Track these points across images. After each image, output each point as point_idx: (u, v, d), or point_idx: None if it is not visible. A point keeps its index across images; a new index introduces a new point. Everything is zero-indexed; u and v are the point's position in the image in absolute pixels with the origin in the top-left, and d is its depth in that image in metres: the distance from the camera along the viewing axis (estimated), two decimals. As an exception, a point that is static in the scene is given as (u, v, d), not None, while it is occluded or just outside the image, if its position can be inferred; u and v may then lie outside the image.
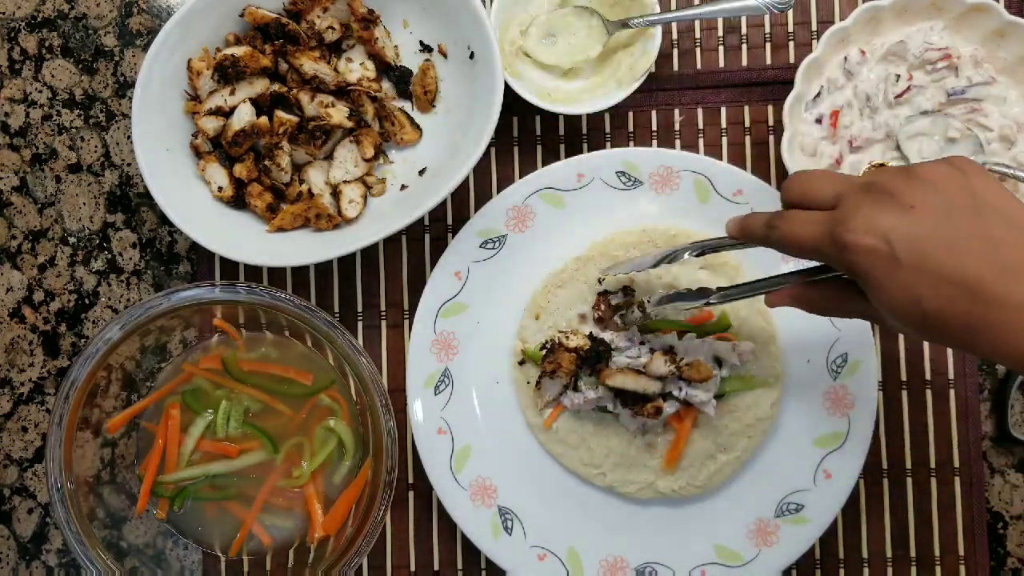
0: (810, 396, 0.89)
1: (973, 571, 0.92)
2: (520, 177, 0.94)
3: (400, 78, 0.95)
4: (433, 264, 0.93)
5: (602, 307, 0.86)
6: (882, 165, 0.67)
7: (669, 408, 0.85)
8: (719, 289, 0.78)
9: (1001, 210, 0.57)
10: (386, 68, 0.95)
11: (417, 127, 0.95)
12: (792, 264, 0.88)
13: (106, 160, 0.99)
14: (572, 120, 0.97)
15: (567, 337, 0.87)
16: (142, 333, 0.86)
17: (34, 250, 0.99)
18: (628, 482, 0.89)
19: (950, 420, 0.93)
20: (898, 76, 0.89)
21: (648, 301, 0.84)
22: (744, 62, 0.96)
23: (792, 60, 0.96)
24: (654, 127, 0.96)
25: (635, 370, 0.85)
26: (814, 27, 0.96)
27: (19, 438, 0.98)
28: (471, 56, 0.90)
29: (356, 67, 0.93)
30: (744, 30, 0.96)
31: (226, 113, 0.91)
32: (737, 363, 0.87)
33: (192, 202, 0.90)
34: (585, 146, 0.96)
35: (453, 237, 0.93)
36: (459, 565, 0.95)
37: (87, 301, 0.99)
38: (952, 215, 0.57)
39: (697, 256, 0.78)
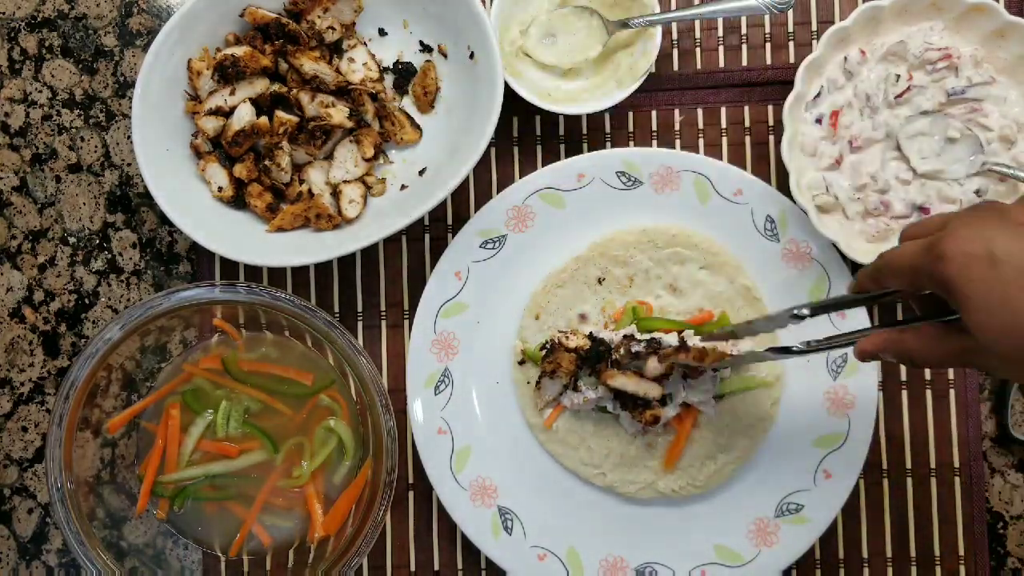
0: (810, 396, 0.89)
1: (973, 571, 0.92)
2: (520, 177, 0.94)
3: (402, 73, 0.95)
4: (433, 264, 0.93)
5: (621, 350, 0.85)
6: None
7: (669, 411, 0.85)
8: (807, 343, 0.74)
9: None
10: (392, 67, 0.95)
11: (417, 127, 0.95)
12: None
13: (106, 160, 0.99)
14: (572, 120, 0.97)
15: (567, 337, 0.87)
16: (142, 333, 0.86)
17: (34, 250, 0.99)
18: (628, 482, 0.89)
19: (950, 420, 0.93)
20: (898, 76, 0.89)
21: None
22: (744, 62, 0.96)
23: (792, 60, 0.96)
24: (654, 127, 0.96)
25: (636, 372, 0.85)
26: (814, 27, 0.96)
27: (19, 438, 0.98)
28: (471, 56, 0.90)
29: (359, 67, 0.93)
30: (744, 30, 0.96)
31: (226, 113, 0.91)
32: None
33: (192, 202, 0.90)
34: (585, 146, 0.96)
35: (453, 237, 0.93)
36: (459, 565, 0.95)
37: (87, 301, 0.99)
38: None
39: (812, 315, 0.72)
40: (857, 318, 0.88)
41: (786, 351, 0.75)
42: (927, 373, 0.93)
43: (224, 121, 0.91)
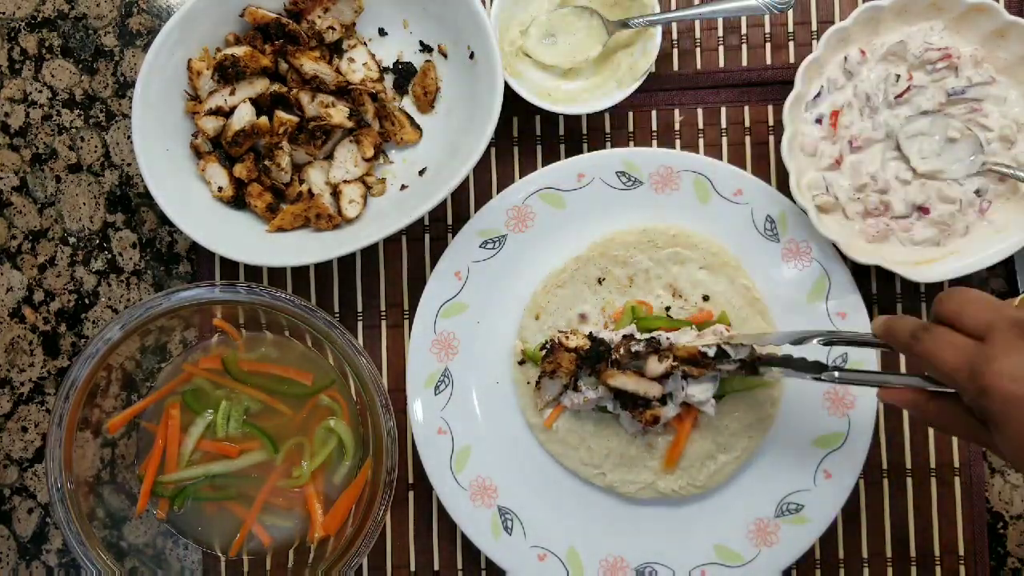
0: (810, 396, 0.89)
1: (973, 571, 0.92)
2: (520, 177, 0.94)
3: (402, 73, 0.95)
4: (433, 264, 0.93)
5: (621, 350, 0.85)
6: None
7: (669, 411, 0.85)
8: (838, 370, 0.75)
9: None
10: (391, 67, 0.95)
11: (417, 127, 0.95)
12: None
13: (106, 160, 0.99)
14: (572, 120, 0.97)
15: (567, 337, 0.87)
16: (142, 333, 0.86)
17: (34, 250, 0.99)
18: (628, 482, 0.89)
19: (950, 420, 0.93)
20: (898, 76, 0.89)
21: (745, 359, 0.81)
22: (744, 62, 0.96)
23: (792, 60, 0.96)
24: (654, 127, 0.96)
25: (636, 372, 0.85)
26: (814, 27, 0.96)
27: (19, 438, 0.98)
28: (471, 56, 0.90)
29: (359, 67, 0.93)
30: (744, 30, 0.96)
31: (226, 113, 0.91)
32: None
33: (192, 202, 0.90)
34: (585, 146, 0.96)
35: (453, 237, 0.93)
36: (459, 565, 0.95)
37: (87, 301, 0.99)
38: None
39: (825, 345, 0.75)
40: (857, 318, 0.88)
41: (815, 367, 0.77)
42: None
43: (224, 121, 0.91)
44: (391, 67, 0.95)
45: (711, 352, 0.82)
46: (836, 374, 0.75)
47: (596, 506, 0.91)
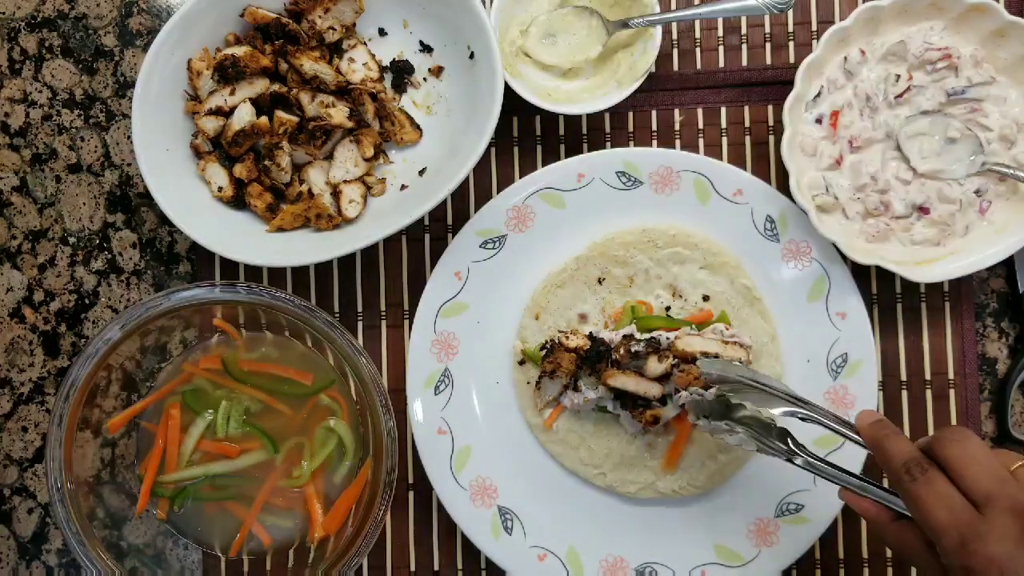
0: (810, 396, 0.89)
1: (973, 571, 0.92)
2: (520, 177, 0.94)
3: (399, 71, 0.95)
4: (433, 264, 0.93)
5: (621, 350, 0.85)
6: None
7: (669, 411, 0.85)
8: (806, 454, 0.74)
9: None
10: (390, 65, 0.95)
11: (417, 127, 0.95)
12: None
13: (106, 160, 0.99)
14: (572, 120, 0.97)
15: (567, 337, 0.87)
16: (142, 333, 0.86)
17: (34, 250, 0.99)
18: (628, 482, 0.89)
19: (950, 420, 0.93)
20: (898, 76, 0.89)
21: (707, 397, 0.79)
22: (744, 62, 0.96)
23: (792, 60, 0.96)
24: (654, 127, 0.96)
25: (636, 372, 0.85)
26: (814, 27, 0.96)
27: (19, 438, 0.98)
28: (471, 56, 0.90)
29: (359, 67, 0.93)
30: (744, 30, 0.96)
31: (226, 113, 0.91)
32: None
33: (192, 202, 0.90)
34: (585, 146, 0.96)
35: (453, 237, 0.93)
36: (459, 565, 0.95)
37: (87, 301, 0.99)
38: None
39: (790, 415, 0.74)
40: (857, 318, 0.88)
41: (783, 444, 0.75)
42: (927, 372, 0.93)
43: (224, 121, 0.91)
44: (389, 65, 0.95)
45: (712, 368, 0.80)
46: (799, 461, 0.74)
47: (596, 506, 0.91)
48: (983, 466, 0.61)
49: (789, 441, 0.76)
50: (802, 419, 0.74)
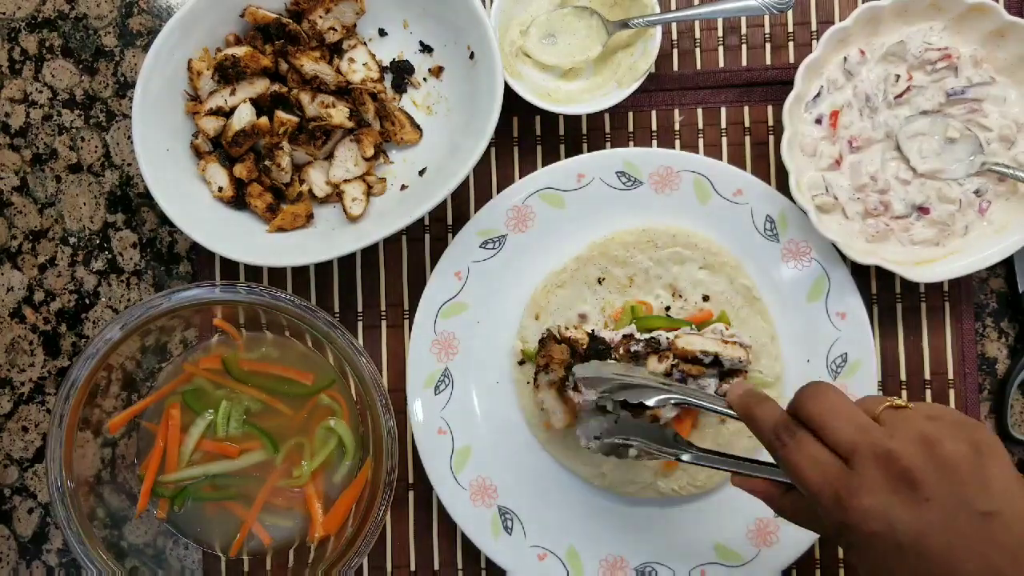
0: (810, 396, 0.89)
1: (973, 571, 0.92)
2: (520, 177, 0.94)
3: (398, 71, 0.95)
4: (433, 264, 0.93)
5: (621, 350, 0.85)
6: (902, 407, 0.60)
7: (669, 412, 0.85)
8: (697, 449, 0.75)
9: (1000, 507, 0.54)
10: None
11: (417, 127, 0.95)
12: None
13: (106, 160, 0.99)
14: (572, 120, 0.97)
15: (565, 328, 0.86)
16: (142, 333, 0.86)
17: (34, 250, 0.99)
18: (628, 482, 0.89)
19: (950, 420, 0.93)
20: (898, 76, 0.89)
21: (611, 416, 0.79)
22: (744, 62, 0.96)
23: (792, 60, 0.96)
24: (654, 127, 0.97)
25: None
26: (814, 27, 0.96)
27: (19, 438, 0.98)
28: (471, 56, 0.90)
29: (359, 67, 0.93)
30: (744, 30, 0.96)
31: (226, 113, 0.91)
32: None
33: (192, 202, 0.90)
34: (585, 146, 0.96)
35: (453, 237, 0.93)
36: (459, 565, 0.95)
37: (87, 301, 0.99)
38: (959, 515, 0.54)
39: (675, 404, 0.75)
40: (857, 318, 0.88)
41: (677, 447, 0.75)
42: (926, 372, 0.93)
43: (224, 121, 0.91)
44: (388, 65, 0.95)
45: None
46: (686, 457, 0.74)
47: (596, 506, 0.91)
48: (844, 417, 0.60)
49: (676, 439, 0.76)
50: (676, 404, 0.74)
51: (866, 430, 0.59)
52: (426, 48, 0.95)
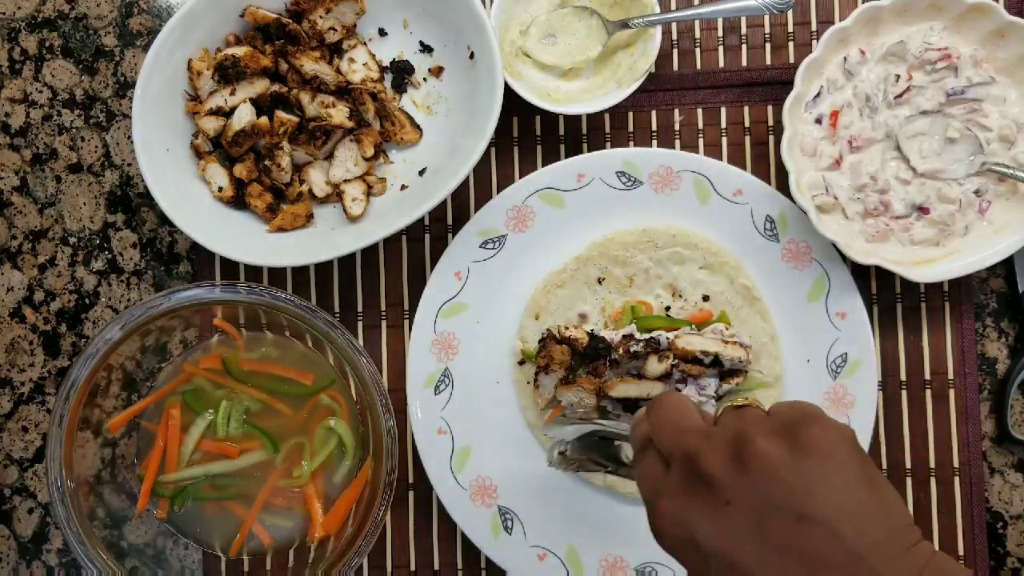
0: (810, 396, 0.89)
1: (973, 571, 0.92)
2: (520, 177, 0.94)
3: (398, 71, 0.95)
4: (433, 264, 0.93)
5: (620, 350, 0.84)
6: (741, 406, 0.56)
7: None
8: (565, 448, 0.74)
9: (825, 512, 0.48)
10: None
11: (417, 127, 0.95)
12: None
13: (106, 160, 0.99)
14: (572, 120, 0.97)
15: (565, 328, 0.86)
16: (142, 333, 0.86)
17: (34, 250, 0.99)
18: (628, 482, 0.89)
19: (950, 420, 0.93)
20: (898, 76, 0.89)
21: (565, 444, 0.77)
22: (744, 62, 0.96)
23: (792, 60, 0.96)
24: (654, 127, 0.97)
25: (635, 376, 0.85)
26: (814, 27, 0.96)
27: (19, 438, 0.98)
28: (471, 56, 0.90)
29: (359, 67, 0.93)
30: (744, 30, 0.96)
31: (226, 113, 0.91)
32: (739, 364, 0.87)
33: (192, 202, 0.90)
34: (585, 146, 0.97)
35: (453, 237, 0.93)
36: (459, 565, 0.95)
37: (87, 301, 0.99)
38: (769, 520, 0.49)
39: (600, 439, 0.73)
40: (857, 318, 0.88)
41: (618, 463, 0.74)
42: (926, 372, 0.93)
43: (224, 121, 0.91)
44: (388, 65, 0.95)
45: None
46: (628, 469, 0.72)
47: (596, 506, 0.91)
48: (672, 424, 0.56)
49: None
50: (601, 438, 0.72)
51: (684, 433, 0.55)
52: (426, 48, 0.95)
